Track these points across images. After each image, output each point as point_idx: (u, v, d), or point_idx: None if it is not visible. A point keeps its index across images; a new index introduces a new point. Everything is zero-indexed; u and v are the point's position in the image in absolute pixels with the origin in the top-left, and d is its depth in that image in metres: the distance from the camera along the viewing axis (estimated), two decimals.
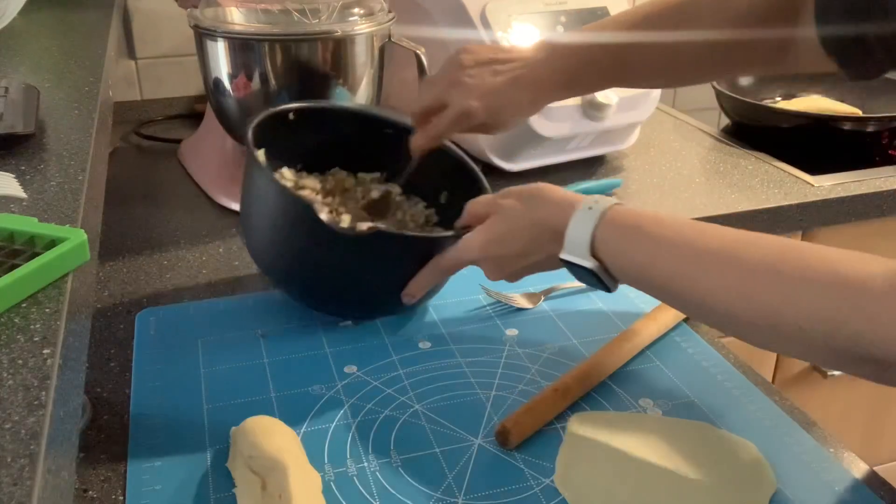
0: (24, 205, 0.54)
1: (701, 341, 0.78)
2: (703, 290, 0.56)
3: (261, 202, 0.76)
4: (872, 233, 1.18)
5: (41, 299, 0.45)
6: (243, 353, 0.75)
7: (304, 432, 0.65)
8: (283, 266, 0.77)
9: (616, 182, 1.12)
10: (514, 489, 0.60)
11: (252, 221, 0.78)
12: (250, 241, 0.79)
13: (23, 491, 0.32)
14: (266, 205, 0.75)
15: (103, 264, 0.92)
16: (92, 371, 0.73)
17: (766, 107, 1.34)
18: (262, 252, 0.78)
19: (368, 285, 0.76)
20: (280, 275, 0.79)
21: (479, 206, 0.72)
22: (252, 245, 0.79)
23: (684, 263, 0.58)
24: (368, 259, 0.73)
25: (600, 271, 0.62)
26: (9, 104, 0.64)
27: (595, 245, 0.62)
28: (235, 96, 0.96)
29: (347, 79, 0.95)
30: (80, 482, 0.61)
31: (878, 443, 1.37)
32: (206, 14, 0.95)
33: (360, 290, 0.76)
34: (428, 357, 0.75)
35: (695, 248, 0.57)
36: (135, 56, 1.40)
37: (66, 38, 0.96)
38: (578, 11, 1.16)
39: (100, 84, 0.77)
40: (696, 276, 0.57)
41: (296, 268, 0.76)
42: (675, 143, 1.31)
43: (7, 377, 0.38)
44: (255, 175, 0.76)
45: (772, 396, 0.70)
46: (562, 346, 0.77)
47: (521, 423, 0.64)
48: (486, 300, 0.85)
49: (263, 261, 0.79)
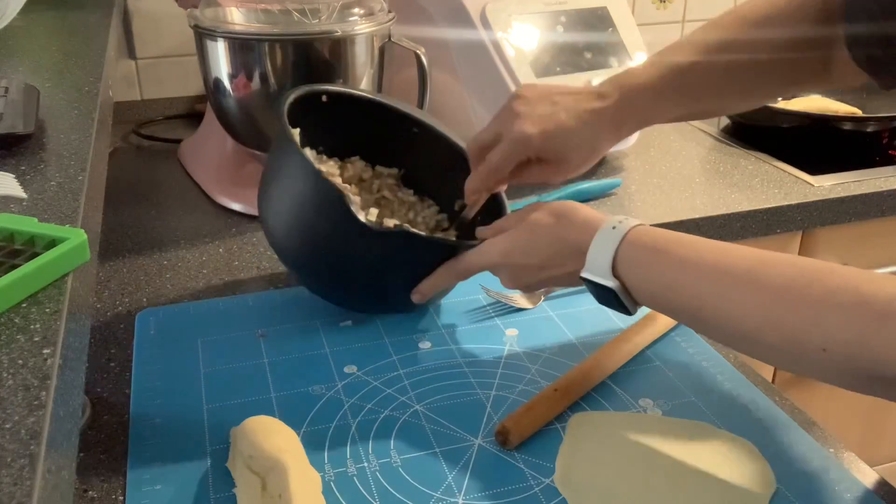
0: (24, 205, 0.54)
1: (701, 341, 0.78)
2: (727, 314, 0.56)
3: (288, 181, 0.75)
4: (872, 233, 1.18)
5: (41, 299, 0.44)
6: (243, 353, 0.75)
7: (304, 432, 0.65)
8: (297, 246, 0.76)
9: (616, 182, 1.12)
10: (514, 489, 0.60)
11: (273, 198, 0.77)
12: (267, 215, 0.78)
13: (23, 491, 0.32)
14: (293, 184, 0.74)
15: (103, 264, 0.92)
16: (92, 371, 0.73)
17: (766, 107, 1.34)
18: (279, 229, 0.77)
19: (380, 280, 0.76)
20: (293, 255, 0.78)
21: (509, 223, 0.72)
22: (269, 220, 0.78)
23: (707, 286, 0.57)
24: (388, 255, 0.73)
25: (621, 292, 0.62)
26: (9, 104, 0.64)
27: (616, 265, 0.62)
28: (235, 96, 0.96)
29: (347, 79, 0.95)
30: (80, 482, 0.61)
31: (878, 443, 1.37)
32: (206, 14, 0.95)
33: (371, 283, 0.76)
34: (428, 357, 0.75)
35: (718, 270, 0.57)
36: (135, 56, 1.40)
37: (66, 38, 0.96)
38: (578, 11, 1.16)
39: (100, 84, 0.77)
40: (719, 300, 0.56)
41: (311, 251, 0.76)
42: (675, 143, 1.31)
43: (7, 377, 0.38)
44: (285, 153, 0.74)
45: (772, 396, 0.70)
46: (562, 346, 0.77)
47: (521, 423, 0.64)
48: (486, 300, 0.85)
49: (278, 238, 0.77)
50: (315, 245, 0.75)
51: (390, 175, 0.88)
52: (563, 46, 1.13)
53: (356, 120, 0.86)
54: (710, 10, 1.68)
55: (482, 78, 1.10)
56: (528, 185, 0.75)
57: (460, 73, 1.11)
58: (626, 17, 1.19)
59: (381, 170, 0.88)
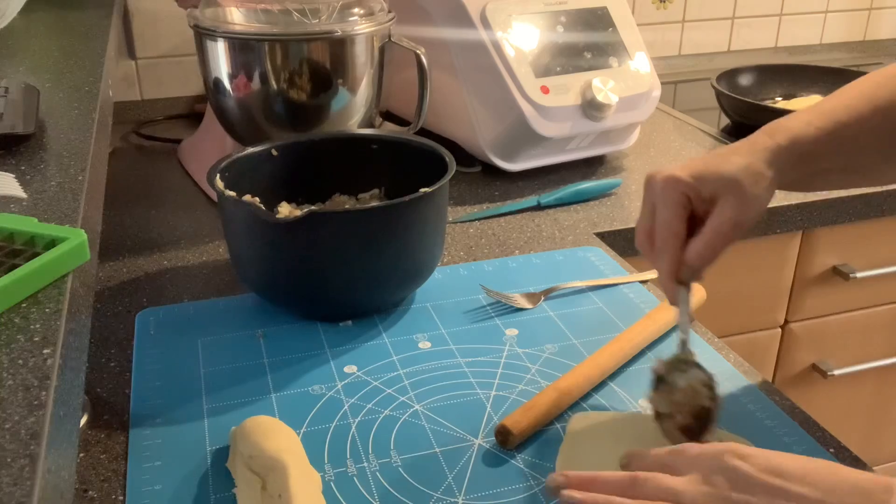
0: (24, 205, 0.54)
1: (701, 341, 0.78)
2: None
3: (225, 221, 0.80)
4: (872, 233, 1.18)
5: (41, 299, 0.44)
6: (243, 353, 0.75)
7: (304, 432, 0.65)
8: (257, 274, 0.80)
9: (616, 182, 1.12)
10: (514, 489, 0.60)
11: (230, 245, 0.82)
12: (235, 265, 0.82)
13: (23, 491, 0.32)
14: (227, 222, 0.80)
15: (103, 264, 0.92)
16: (92, 371, 0.73)
17: (766, 107, 1.34)
18: (244, 269, 0.81)
19: (330, 270, 0.76)
20: (261, 284, 0.81)
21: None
22: (237, 267, 0.82)
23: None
24: (316, 241, 0.74)
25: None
26: (9, 104, 0.64)
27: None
28: (235, 96, 0.96)
29: (347, 79, 0.95)
30: (80, 482, 0.61)
31: (878, 443, 1.37)
32: (206, 14, 0.95)
33: (325, 279, 0.77)
34: (428, 357, 0.75)
35: None
36: (135, 56, 1.40)
37: (66, 38, 0.96)
38: (578, 11, 1.16)
39: (99, 84, 0.77)
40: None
41: (265, 271, 0.78)
42: (675, 143, 1.31)
43: (7, 377, 0.38)
44: (219, 201, 0.80)
45: (772, 396, 0.70)
46: (562, 346, 0.77)
47: (521, 423, 0.64)
48: (486, 300, 0.85)
49: (247, 278, 0.81)
50: (265, 262, 0.78)
51: (372, 197, 0.90)
52: (563, 46, 1.13)
53: (318, 160, 0.89)
54: (711, 10, 1.68)
55: (482, 78, 1.10)
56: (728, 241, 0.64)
57: (460, 73, 1.11)
58: (626, 17, 1.19)
59: (363, 196, 0.90)
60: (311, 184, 0.89)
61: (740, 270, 1.12)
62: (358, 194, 0.90)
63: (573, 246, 0.97)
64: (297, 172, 0.87)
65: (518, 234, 1.00)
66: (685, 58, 1.73)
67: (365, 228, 0.74)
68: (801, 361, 1.26)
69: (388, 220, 0.75)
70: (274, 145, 0.86)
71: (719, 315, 1.06)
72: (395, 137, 0.89)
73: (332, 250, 0.75)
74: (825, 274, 1.20)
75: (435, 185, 0.77)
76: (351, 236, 0.74)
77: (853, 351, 1.27)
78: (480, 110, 1.11)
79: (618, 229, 1.02)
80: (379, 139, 0.90)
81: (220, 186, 0.76)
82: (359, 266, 0.75)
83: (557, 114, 1.09)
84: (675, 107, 1.51)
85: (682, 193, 0.63)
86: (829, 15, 1.84)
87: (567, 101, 1.10)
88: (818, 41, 1.86)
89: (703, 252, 0.63)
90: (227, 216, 0.79)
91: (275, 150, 0.86)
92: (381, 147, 0.89)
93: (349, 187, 0.90)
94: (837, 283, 1.20)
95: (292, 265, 0.76)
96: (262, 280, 0.79)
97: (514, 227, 1.02)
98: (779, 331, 1.22)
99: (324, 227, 0.73)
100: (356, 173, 0.89)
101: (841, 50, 1.87)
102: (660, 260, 0.64)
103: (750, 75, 1.48)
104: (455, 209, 1.06)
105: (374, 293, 0.79)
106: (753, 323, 1.20)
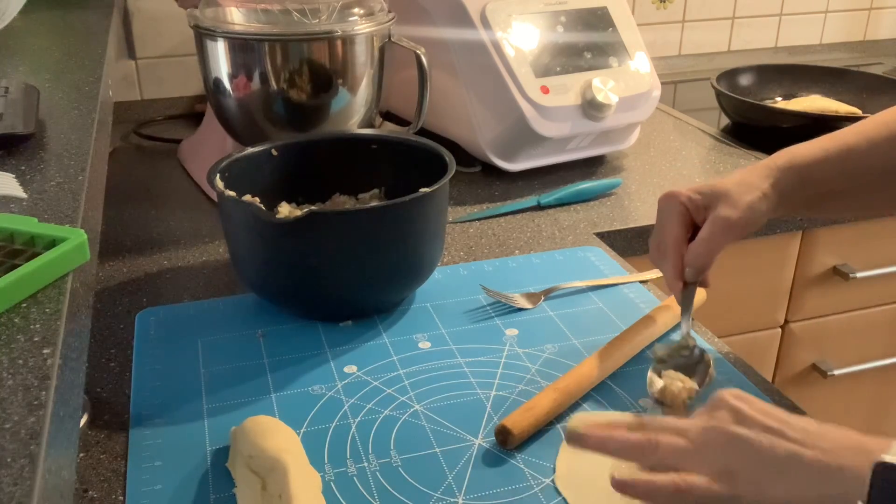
0: (24, 205, 0.54)
1: (701, 341, 0.78)
2: None
3: (224, 222, 0.80)
4: (872, 233, 1.18)
5: (41, 299, 0.44)
6: (243, 353, 0.75)
7: (304, 432, 0.65)
8: (257, 276, 0.80)
9: (616, 182, 1.12)
10: (514, 489, 0.60)
11: (230, 245, 0.82)
12: (235, 264, 0.82)
13: (23, 491, 0.32)
14: (226, 222, 0.80)
15: (103, 264, 0.92)
16: (92, 371, 0.73)
17: (766, 107, 1.34)
18: (244, 269, 0.81)
19: (329, 271, 0.76)
20: (261, 285, 0.81)
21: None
22: (237, 267, 0.82)
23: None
24: (315, 242, 0.74)
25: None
26: (9, 104, 0.64)
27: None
28: (235, 96, 0.96)
29: (347, 79, 0.95)
30: (80, 482, 0.61)
31: None
32: (206, 14, 0.95)
33: (324, 279, 0.77)
34: (428, 357, 0.75)
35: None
36: (135, 56, 1.40)
37: (66, 38, 0.96)
38: (578, 11, 1.16)
39: (100, 84, 0.77)
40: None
41: (266, 273, 0.78)
42: (675, 143, 1.31)
43: (7, 377, 0.38)
44: (219, 201, 0.80)
45: (772, 396, 0.70)
46: (562, 346, 0.77)
47: (521, 423, 0.64)
48: (487, 300, 0.85)
49: (247, 278, 0.81)
50: (265, 262, 0.77)
51: (372, 197, 0.90)
52: (563, 46, 1.13)
53: (319, 161, 0.89)
54: (710, 10, 1.68)
55: (482, 78, 1.10)
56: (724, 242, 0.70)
57: (460, 73, 1.11)
58: (626, 17, 1.19)
59: (363, 196, 0.90)
60: (311, 184, 0.89)
61: (740, 270, 1.12)
62: (358, 194, 0.90)
63: (573, 246, 0.97)
64: (297, 172, 0.87)
65: (518, 234, 1.00)
66: (685, 58, 1.73)
67: (365, 228, 0.74)
68: (801, 361, 1.26)
69: (388, 220, 0.75)
70: (274, 145, 0.86)
71: (719, 315, 1.06)
72: (395, 137, 0.89)
73: (332, 250, 0.75)
74: (825, 274, 1.20)
75: (435, 185, 0.77)
76: (351, 236, 0.74)
77: (853, 351, 1.27)
78: (480, 110, 1.11)
79: (618, 229, 1.02)
80: (379, 139, 0.90)
81: (220, 186, 0.76)
82: (358, 266, 0.75)
83: (557, 114, 1.09)
84: (675, 107, 1.51)
85: (680, 204, 0.71)
86: (829, 15, 1.84)
87: (567, 101, 1.10)
88: (818, 41, 1.86)
89: (701, 252, 0.70)
90: (226, 216, 0.79)
91: (275, 150, 0.86)
92: (381, 147, 0.89)
93: (349, 187, 0.90)
94: (837, 283, 1.21)
95: (292, 265, 0.76)
96: (262, 280, 0.79)
97: (514, 227, 1.02)
98: (779, 331, 1.23)
99: (324, 227, 0.73)
100: (356, 173, 0.90)
101: (841, 50, 1.87)
102: (665, 263, 0.72)
103: (750, 75, 1.48)
104: (455, 209, 1.06)
105: (374, 293, 0.79)
106: (753, 323, 1.20)
